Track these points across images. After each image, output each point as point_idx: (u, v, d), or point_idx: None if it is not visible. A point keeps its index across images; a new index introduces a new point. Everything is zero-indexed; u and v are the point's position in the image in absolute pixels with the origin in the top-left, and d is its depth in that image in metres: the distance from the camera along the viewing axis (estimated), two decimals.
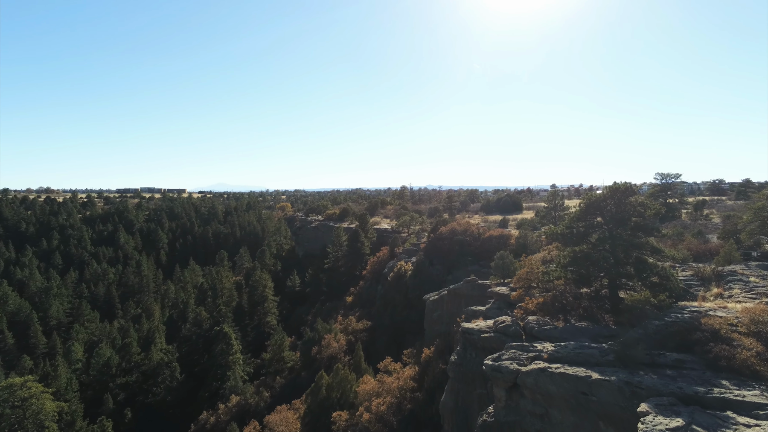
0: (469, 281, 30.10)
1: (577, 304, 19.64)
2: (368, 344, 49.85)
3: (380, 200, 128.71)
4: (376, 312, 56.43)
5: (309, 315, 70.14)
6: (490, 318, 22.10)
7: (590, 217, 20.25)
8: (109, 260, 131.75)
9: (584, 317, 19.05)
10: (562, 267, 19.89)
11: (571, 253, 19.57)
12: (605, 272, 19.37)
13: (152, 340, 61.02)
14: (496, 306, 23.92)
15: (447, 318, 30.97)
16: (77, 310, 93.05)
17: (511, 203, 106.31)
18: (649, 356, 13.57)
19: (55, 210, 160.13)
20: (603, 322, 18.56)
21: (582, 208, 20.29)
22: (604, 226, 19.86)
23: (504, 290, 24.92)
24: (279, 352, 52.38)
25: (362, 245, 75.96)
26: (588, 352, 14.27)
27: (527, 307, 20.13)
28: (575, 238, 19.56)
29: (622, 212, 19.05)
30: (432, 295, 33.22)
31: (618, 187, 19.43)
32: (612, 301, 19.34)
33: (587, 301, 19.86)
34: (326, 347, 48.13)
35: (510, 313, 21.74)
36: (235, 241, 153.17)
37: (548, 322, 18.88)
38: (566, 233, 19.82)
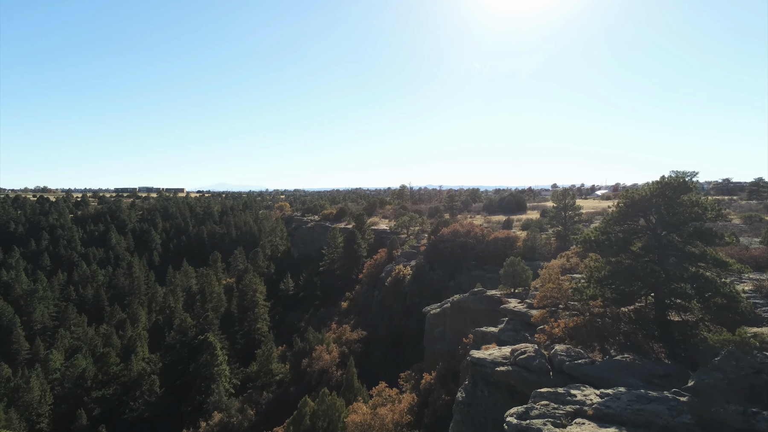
0: (476, 293, 26.08)
1: (615, 329, 15.62)
2: (363, 356, 45.85)
3: (379, 200, 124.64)
4: (371, 320, 52.40)
5: (302, 321, 66.12)
6: (506, 343, 18.12)
7: (631, 219, 16.23)
8: (100, 261, 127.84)
9: (626, 347, 15.03)
10: (597, 282, 15.85)
11: (610, 266, 15.53)
12: (652, 290, 15.36)
13: (133, 349, 57.01)
14: (511, 327, 19.92)
15: (450, 335, 26.98)
16: (63, 314, 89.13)
17: (515, 203, 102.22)
18: (744, 417, 9.62)
19: (46, 209, 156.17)
20: (652, 355, 14.55)
21: (621, 208, 16.26)
22: (649, 232, 15.82)
23: (521, 307, 20.93)
24: (267, 365, 48.38)
25: (359, 247, 71.95)
26: (651, 408, 10.31)
27: (553, 331, 16.14)
28: (614, 247, 15.52)
29: (674, 214, 15.02)
30: (433, 307, 29.16)
31: (668, 182, 15.42)
32: (660, 325, 15.32)
33: (627, 324, 15.83)
34: (317, 359, 44.13)
35: (530, 337, 17.79)
36: (231, 242, 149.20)
37: (582, 353, 14.85)
38: (602, 240, 15.80)
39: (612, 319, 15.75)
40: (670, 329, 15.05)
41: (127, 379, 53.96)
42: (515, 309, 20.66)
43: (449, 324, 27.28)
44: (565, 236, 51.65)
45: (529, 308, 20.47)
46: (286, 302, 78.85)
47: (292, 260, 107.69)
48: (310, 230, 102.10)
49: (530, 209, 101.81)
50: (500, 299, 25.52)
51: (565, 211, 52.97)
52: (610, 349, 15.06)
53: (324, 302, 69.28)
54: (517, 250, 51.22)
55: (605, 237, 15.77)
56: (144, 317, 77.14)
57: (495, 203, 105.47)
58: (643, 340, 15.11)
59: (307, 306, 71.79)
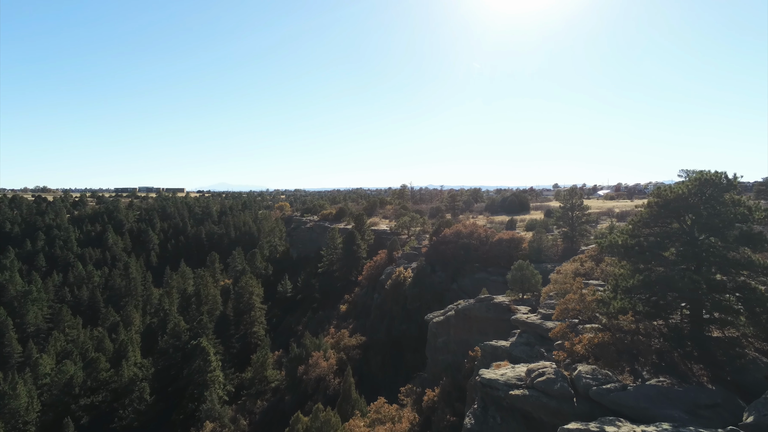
0: (482, 300, 24.06)
1: (647, 347, 13.62)
2: (361, 363, 43.90)
3: (379, 200, 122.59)
4: (371, 324, 50.43)
5: (300, 325, 64.18)
6: (519, 360, 16.16)
7: (663, 222, 14.24)
8: (96, 262, 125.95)
9: (661, 368, 13.04)
10: (624, 292, 13.86)
11: (639, 274, 13.54)
12: (689, 302, 13.38)
13: (124, 354, 55.07)
14: (524, 341, 17.94)
15: (455, 346, 25.02)
16: (57, 316, 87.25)
17: (518, 203, 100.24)
18: None
19: (43, 209, 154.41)
20: (692, 378, 12.56)
21: (652, 209, 14.26)
22: (685, 236, 13.82)
23: (534, 318, 18.94)
24: (261, 371, 46.42)
25: (358, 248, 69.98)
26: None
27: (574, 349, 14.16)
28: (647, 253, 13.53)
29: (715, 215, 13.03)
30: (436, 314, 27.09)
31: (708, 179, 13.41)
32: (699, 342, 13.33)
33: (660, 340, 13.83)
34: (314, 366, 42.17)
35: (546, 353, 15.83)
36: (230, 242, 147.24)
37: (610, 375, 12.87)
38: (631, 245, 13.82)
39: (643, 336, 13.76)
40: (710, 347, 13.06)
41: (117, 385, 52.02)
42: (528, 320, 18.68)
43: (453, 333, 25.32)
44: (572, 237, 49.66)
45: (543, 319, 18.49)
46: (284, 304, 76.92)
47: (290, 261, 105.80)
48: (309, 231, 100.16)
49: (533, 209, 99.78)
50: (509, 307, 23.54)
51: (572, 212, 50.95)
52: (642, 370, 13.07)
53: (322, 305, 67.34)
54: (522, 252, 49.21)
55: (635, 242, 13.79)
56: (138, 320, 75.19)
57: (497, 203, 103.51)
58: (680, 360, 13.13)
59: (306, 308, 69.89)
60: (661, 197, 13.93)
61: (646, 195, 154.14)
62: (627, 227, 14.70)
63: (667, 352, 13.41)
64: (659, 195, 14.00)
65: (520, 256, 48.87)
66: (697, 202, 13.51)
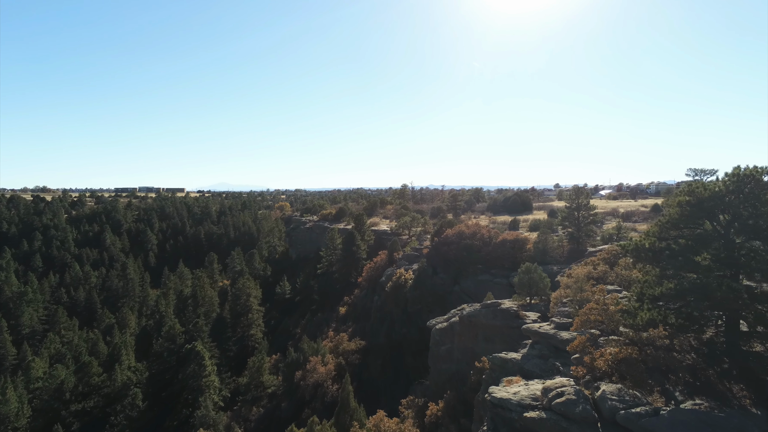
0: (489, 306, 22.53)
1: (677, 363, 12.13)
2: (361, 368, 42.42)
3: (379, 200, 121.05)
4: (370, 327, 48.94)
5: (298, 327, 62.69)
6: (532, 375, 14.67)
7: (694, 223, 12.75)
8: (94, 263, 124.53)
9: (696, 388, 11.55)
10: (650, 300, 12.36)
11: (668, 281, 12.04)
12: (727, 313, 11.89)
13: (118, 358, 53.61)
14: (536, 353, 16.43)
15: (459, 355, 23.52)
16: (53, 318, 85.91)
17: (520, 203, 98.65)
18: None
19: (40, 209, 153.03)
20: (733, 400, 11.07)
21: (683, 209, 12.76)
22: (722, 239, 12.31)
23: (547, 328, 17.41)
24: (257, 376, 44.94)
25: (358, 249, 68.49)
26: None
27: (595, 364, 12.66)
28: (680, 258, 12.03)
29: (757, 216, 11.52)
30: (439, 321, 25.51)
31: (748, 174, 11.92)
32: (737, 359, 11.83)
33: (692, 355, 12.34)
34: (312, 372, 40.68)
35: (562, 368, 14.33)
36: (229, 242, 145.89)
37: (639, 397, 11.38)
38: (660, 249, 12.33)
39: (674, 351, 12.26)
40: (752, 364, 11.56)
41: (110, 390, 50.58)
42: (541, 330, 17.17)
43: (458, 341, 23.81)
44: (578, 238, 48.14)
45: (557, 329, 16.98)
46: (282, 306, 75.47)
47: (290, 261, 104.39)
48: (309, 231, 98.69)
49: (536, 209, 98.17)
50: (517, 313, 22.04)
51: (578, 212, 49.40)
52: (674, 390, 11.58)
53: (321, 307, 65.89)
54: (527, 253, 47.69)
55: (664, 245, 12.29)
56: (134, 322, 73.77)
57: (499, 203, 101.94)
58: (717, 380, 11.63)
59: (304, 311, 68.41)
60: (693, 195, 12.42)
61: (647, 195, 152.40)
62: (653, 229, 13.22)
63: (701, 369, 11.93)
64: (691, 193, 12.50)
65: (525, 258, 47.36)
66: (734, 200, 12.02)
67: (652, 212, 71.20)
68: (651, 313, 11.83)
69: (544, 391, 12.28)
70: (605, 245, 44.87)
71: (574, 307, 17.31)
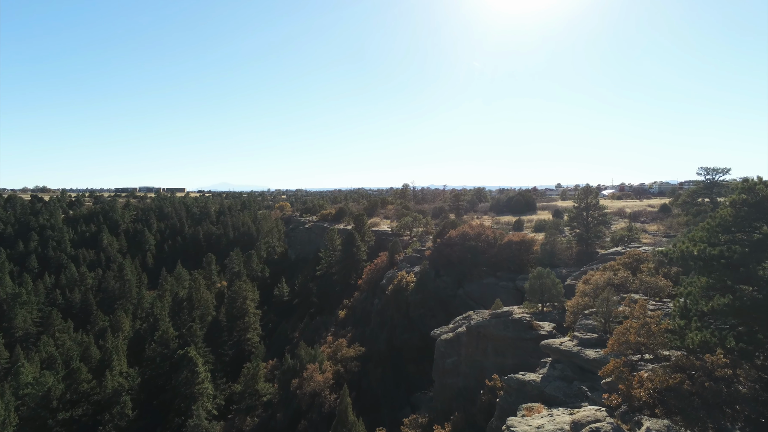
0: (499, 316, 20.49)
1: (735, 395, 10.16)
2: (360, 376, 40.47)
3: (380, 199, 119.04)
4: (371, 333, 47.00)
5: (296, 331, 60.76)
6: (555, 400, 12.73)
7: (753, 225, 10.77)
8: (90, 264, 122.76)
9: (760, 426, 9.58)
10: (698, 317, 10.38)
11: (724, 296, 10.06)
12: None
13: (108, 363, 51.70)
14: (558, 373, 14.46)
15: (466, 369, 21.53)
16: (47, 320, 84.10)
17: (524, 203, 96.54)
18: None
19: (37, 209, 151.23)
20: None
21: (738, 209, 10.79)
22: None
23: (570, 344, 15.36)
24: (252, 384, 43.02)
25: (358, 250, 66.52)
26: None
27: (633, 392, 10.70)
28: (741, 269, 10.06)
29: None
30: (444, 331, 23.45)
31: None
32: None
33: (749, 385, 10.35)
34: (309, 380, 38.74)
35: (589, 392, 12.39)
36: (228, 243, 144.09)
37: None
38: (713, 256, 10.36)
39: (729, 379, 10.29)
40: None
41: (100, 397, 48.68)
42: (563, 347, 15.17)
43: (465, 353, 21.85)
44: (587, 240, 46.15)
45: (581, 346, 14.98)
46: (280, 309, 73.57)
47: (288, 262, 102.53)
48: (308, 231, 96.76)
49: (540, 209, 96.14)
50: (530, 324, 20.07)
51: (587, 212, 47.39)
52: (733, 428, 9.62)
53: (320, 310, 63.95)
54: (533, 256, 45.70)
55: (717, 252, 10.32)
56: (128, 325, 71.88)
57: (503, 203, 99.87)
58: None
59: (302, 314, 66.47)
60: (751, 193, 10.47)
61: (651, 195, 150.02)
62: (700, 233, 11.25)
63: (764, 402, 9.97)
64: (748, 190, 10.54)
65: (532, 260, 45.44)
66: None
67: (661, 212, 69.14)
68: (703, 334, 9.88)
69: (575, 426, 10.33)
70: (616, 247, 42.87)
71: (599, 320, 15.34)
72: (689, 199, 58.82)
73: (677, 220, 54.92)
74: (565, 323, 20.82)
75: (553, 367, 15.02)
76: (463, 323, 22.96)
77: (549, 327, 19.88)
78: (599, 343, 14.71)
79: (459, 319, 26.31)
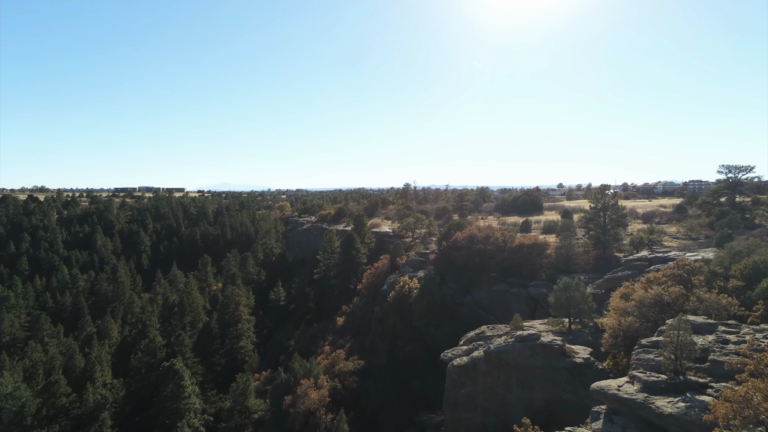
0: (524, 340, 16.94)
1: None
2: (359, 393, 37.00)
3: (381, 199, 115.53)
4: (370, 344, 43.55)
5: (291, 339, 57.35)
6: None
7: None
8: (83, 265, 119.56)
9: None
10: None
11: None
12: None
13: (90, 375, 48.32)
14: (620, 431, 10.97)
15: (485, 402, 17.93)
16: (35, 324, 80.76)
17: (530, 203, 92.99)
18: None
19: (30, 210, 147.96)
20: None
21: None
22: None
23: (630, 390, 11.61)
24: (242, 400, 39.56)
25: (357, 252, 63.06)
26: None
27: None
28: None
29: None
30: (456, 354, 19.72)
31: None
32: None
33: None
34: (303, 397, 35.33)
35: None
36: (226, 243, 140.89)
37: None
38: None
39: None
40: None
41: (80, 411, 45.34)
42: (623, 395, 11.45)
43: (483, 384, 18.33)
44: (604, 243, 42.65)
45: (646, 392, 11.34)
46: (276, 314, 70.18)
47: (286, 264, 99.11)
48: (306, 232, 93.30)
49: (547, 210, 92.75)
50: (563, 349, 16.62)
51: (605, 213, 43.89)
52: None
53: (317, 316, 60.50)
54: (547, 260, 42.26)
55: None
56: (116, 331, 68.50)
57: (508, 203, 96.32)
58: None
59: (299, 320, 63.05)
60: None
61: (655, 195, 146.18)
62: None
63: None
64: None
65: (545, 265, 42.00)
66: None
67: (677, 213, 65.52)
68: None
69: None
70: (640, 252, 39.36)
71: (667, 357, 11.91)
72: (710, 198, 55.31)
73: (698, 222, 51.43)
74: (602, 347, 17.37)
75: (610, 421, 11.44)
76: (479, 345, 19.47)
77: (584, 353, 16.44)
78: (671, 388, 11.31)
79: (471, 335, 22.82)
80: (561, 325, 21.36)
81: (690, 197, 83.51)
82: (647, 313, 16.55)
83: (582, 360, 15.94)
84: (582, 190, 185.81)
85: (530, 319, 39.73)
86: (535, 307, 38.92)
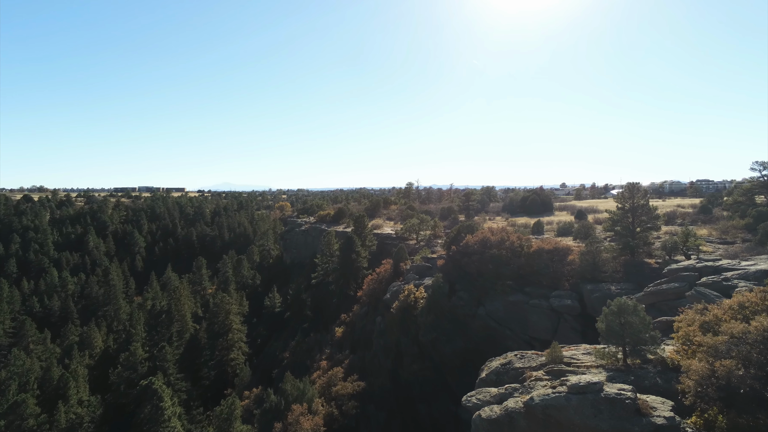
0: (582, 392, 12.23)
1: None
2: (358, 421, 32.49)
3: (383, 199, 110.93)
4: (372, 359, 39.05)
5: (286, 351, 52.82)
6: None
7: None
8: (74, 268, 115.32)
9: None
10: None
11: None
12: None
13: (64, 393, 43.97)
14: None
15: None
16: (20, 330, 76.46)
17: (540, 203, 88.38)
18: None
19: (22, 210, 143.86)
20: None
21: None
22: None
23: None
24: (227, 427, 35.08)
25: (358, 256, 58.56)
26: None
27: None
28: None
29: None
30: (482, 401, 15.01)
31: None
32: None
33: None
34: (294, 425, 30.82)
35: None
36: (223, 245, 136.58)
37: None
38: None
39: None
40: None
41: None
42: None
43: None
44: (633, 248, 38.03)
45: None
46: (271, 322, 65.70)
47: (283, 267, 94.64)
48: (304, 233, 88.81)
49: (558, 210, 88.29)
50: (635, 405, 12.09)
51: (634, 214, 39.24)
52: None
53: (314, 325, 56.02)
54: (570, 267, 37.67)
55: None
56: (99, 340, 64.07)
57: (516, 203, 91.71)
58: None
59: (295, 329, 58.55)
60: None
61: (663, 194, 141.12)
62: None
63: None
64: None
65: (569, 273, 37.28)
66: None
67: (701, 213, 60.82)
68: None
69: None
70: (684, 260, 34.65)
71: None
72: (743, 198, 50.70)
73: (732, 224, 46.83)
74: (685, 399, 12.86)
75: None
76: (513, 389, 14.80)
77: (664, 408, 11.93)
78: None
79: (496, 367, 18.24)
80: (613, 359, 16.78)
81: (711, 197, 78.77)
82: (750, 354, 12.04)
83: (664, 420, 11.42)
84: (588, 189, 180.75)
85: (552, 333, 35.14)
86: (559, 321, 34.36)
